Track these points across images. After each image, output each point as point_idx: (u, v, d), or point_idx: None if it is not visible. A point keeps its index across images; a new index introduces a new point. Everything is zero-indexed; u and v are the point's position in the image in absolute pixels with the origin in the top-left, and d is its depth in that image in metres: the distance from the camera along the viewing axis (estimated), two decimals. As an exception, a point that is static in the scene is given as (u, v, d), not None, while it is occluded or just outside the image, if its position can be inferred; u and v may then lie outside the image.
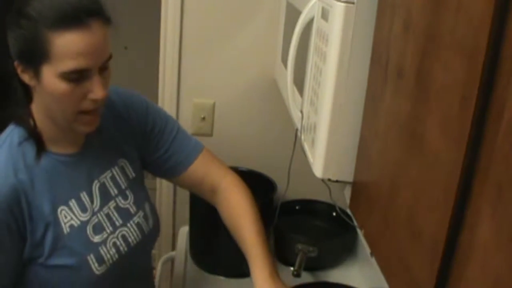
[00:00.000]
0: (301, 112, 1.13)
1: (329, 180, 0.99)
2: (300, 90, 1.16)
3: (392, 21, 0.80)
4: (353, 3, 0.89)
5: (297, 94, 1.18)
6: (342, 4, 0.89)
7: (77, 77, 0.99)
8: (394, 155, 0.76)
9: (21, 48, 0.99)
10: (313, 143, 1.01)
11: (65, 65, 0.97)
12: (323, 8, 0.99)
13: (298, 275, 1.43)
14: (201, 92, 1.80)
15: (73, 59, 0.97)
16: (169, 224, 1.92)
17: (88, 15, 0.97)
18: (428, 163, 0.64)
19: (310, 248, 1.53)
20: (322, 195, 1.64)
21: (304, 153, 1.08)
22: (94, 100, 1.03)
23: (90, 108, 1.04)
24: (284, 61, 1.42)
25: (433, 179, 0.62)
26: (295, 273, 1.44)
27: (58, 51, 0.96)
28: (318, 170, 0.99)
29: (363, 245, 1.65)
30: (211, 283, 1.57)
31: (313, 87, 1.04)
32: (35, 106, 1.07)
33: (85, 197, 1.13)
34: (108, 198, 1.17)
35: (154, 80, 1.81)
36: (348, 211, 1.02)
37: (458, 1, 0.58)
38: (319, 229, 1.76)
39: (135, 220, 1.21)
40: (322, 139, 0.96)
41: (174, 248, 1.87)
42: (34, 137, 1.07)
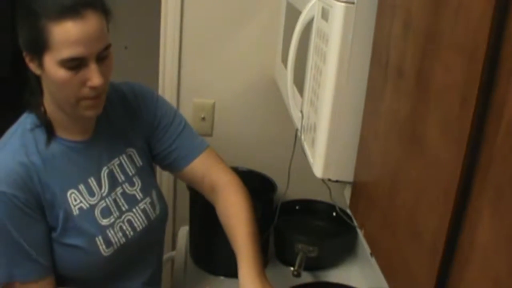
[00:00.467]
0: (301, 112, 1.13)
1: (329, 180, 1.00)
2: (300, 90, 1.16)
3: (392, 21, 0.80)
4: (353, 3, 0.89)
5: (297, 94, 1.18)
6: (342, 4, 0.89)
7: (75, 65, 1.04)
8: (394, 155, 0.76)
9: (27, 39, 1.07)
10: (313, 143, 1.01)
11: (62, 53, 1.03)
12: (323, 8, 0.99)
13: (298, 275, 1.43)
14: (201, 92, 1.80)
15: (69, 47, 1.02)
16: (169, 224, 1.91)
17: (84, 6, 1.03)
18: (428, 163, 0.64)
19: (310, 248, 1.53)
20: (322, 195, 1.64)
21: (304, 153, 1.08)
22: (92, 88, 1.07)
23: (90, 95, 1.09)
24: (284, 61, 1.42)
25: (433, 179, 0.62)
26: (295, 273, 1.44)
27: (56, 40, 1.02)
28: (318, 170, 0.99)
29: (363, 245, 1.65)
30: (211, 283, 1.57)
31: (313, 87, 1.04)
32: (45, 95, 1.14)
33: (93, 182, 1.19)
34: (116, 184, 1.23)
35: (154, 80, 1.81)
36: (348, 211, 1.02)
37: (458, 1, 0.58)
38: (319, 229, 1.76)
39: (141, 206, 1.26)
40: (322, 139, 0.96)
41: (174, 248, 1.87)
42: (44, 123, 1.14)
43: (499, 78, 0.50)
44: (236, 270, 1.22)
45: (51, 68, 1.05)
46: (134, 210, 1.25)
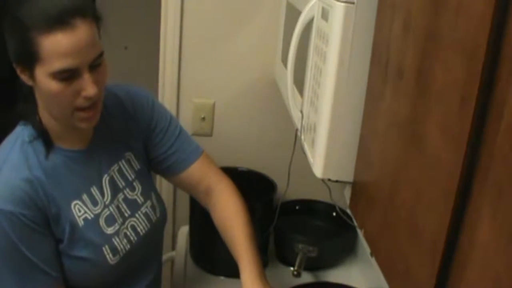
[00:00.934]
0: (301, 112, 1.13)
1: (329, 180, 1.00)
2: (300, 90, 1.16)
3: (392, 21, 0.80)
4: (353, 3, 0.89)
5: (297, 94, 1.18)
6: (342, 4, 0.89)
7: (67, 76, 1.01)
8: (394, 155, 0.76)
9: (16, 51, 1.03)
10: (313, 143, 1.01)
11: (53, 65, 0.99)
12: (323, 8, 0.99)
13: (298, 275, 1.43)
14: (201, 92, 1.80)
15: (60, 60, 0.99)
16: (169, 224, 1.91)
17: (71, 15, 0.99)
18: (428, 163, 0.64)
19: (310, 248, 1.53)
20: (322, 195, 1.64)
21: (304, 153, 1.08)
22: (87, 98, 1.05)
23: (85, 105, 1.06)
24: (284, 61, 1.42)
25: (433, 179, 0.62)
26: (295, 273, 1.44)
27: (46, 53, 0.99)
28: (318, 170, 0.99)
29: (363, 245, 1.65)
30: (211, 283, 1.57)
31: (313, 87, 1.04)
32: (39, 105, 1.11)
33: (95, 191, 1.17)
34: (117, 190, 1.22)
35: (154, 80, 1.81)
36: (348, 211, 1.02)
37: (458, 1, 0.58)
38: (319, 229, 1.76)
39: (142, 210, 1.26)
40: (322, 139, 0.96)
41: (174, 248, 1.87)
42: (41, 134, 1.10)
43: (499, 78, 0.50)
44: (236, 270, 1.22)
45: (43, 80, 1.02)
46: (137, 215, 1.24)
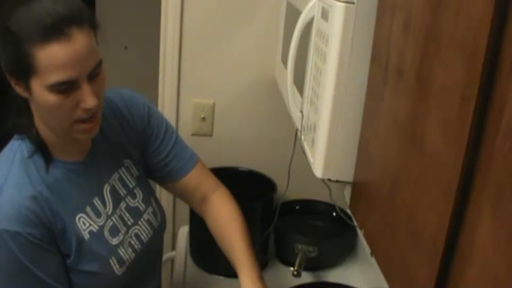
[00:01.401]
0: (301, 112, 1.13)
1: (329, 180, 0.99)
2: (300, 90, 1.16)
3: (392, 21, 0.80)
4: (353, 3, 0.89)
5: (297, 94, 1.18)
6: (342, 4, 0.89)
7: (65, 88, 0.97)
8: (394, 155, 0.76)
9: (9, 63, 0.98)
10: (313, 143, 1.01)
11: (50, 78, 0.95)
12: (323, 8, 0.99)
13: (298, 275, 1.43)
14: (201, 92, 1.80)
15: (58, 72, 0.95)
16: (169, 224, 1.91)
17: (68, 24, 0.94)
18: (428, 163, 0.64)
19: (310, 248, 1.53)
20: (322, 195, 1.64)
21: (304, 153, 1.08)
22: (86, 110, 1.01)
23: (84, 117, 1.02)
24: (284, 61, 1.42)
25: (433, 179, 0.62)
26: (295, 273, 1.44)
27: (42, 65, 0.94)
28: (318, 170, 0.99)
29: (363, 245, 1.65)
30: (211, 283, 1.58)
31: (313, 87, 1.04)
32: (35, 116, 1.06)
33: (97, 202, 1.14)
34: (119, 199, 1.19)
35: (154, 80, 1.81)
36: (348, 211, 1.02)
37: (458, 1, 0.58)
38: (319, 229, 1.76)
39: (145, 217, 1.24)
40: (322, 139, 0.96)
41: (174, 248, 1.87)
42: (39, 146, 1.06)
43: (499, 78, 0.50)
44: (236, 270, 1.22)
45: (40, 93, 0.97)
46: (140, 223, 1.22)
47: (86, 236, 1.10)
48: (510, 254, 0.47)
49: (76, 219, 1.09)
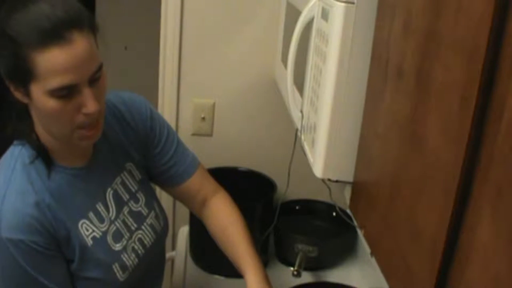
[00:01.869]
0: (301, 112, 1.13)
1: (329, 180, 0.99)
2: (300, 90, 1.16)
3: (392, 21, 0.80)
4: (353, 3, 0.89)
5: (297, 94, 1.18)
6: (342, 4, 0.89)
7: (66, 93, 0.95)
8: (394, 155, 0.76)
9: (8, 68, 0.97)
10: (313, 143, 1.01)
11: (51, 83, 0.93)
12: (323, 8, 0.99)
13: (298, 275, 1.43)
14: (201, 92, 1.80)
15: (58, 76, 0.93)
16: (169, 224, 1.91)
17: (67, 28, 0.93)
18: (428, 163, 0.64)
19: (310, 248, 1.53)
20: (322, 195, 1.64)
21: (304, 153, 1.08)
22: (88, 115, 0.99)
23: (86, 123, 1.00)
24: (284, 61, 1.42)
25: (433, 179, 0.62)
26: (295, 273, 1.44)
27: (42, 70, 0.92)
28: (318, 170, 0.99)
29: (363, 245, 1.65)
30: (211, 283, 1.58)
31: (313, 87, 1.04)
32: (35, 122, 1.05)
33: (100, 207, 1.13)
34: (122, 204, 1.18)
35: (154, 80, 1.81)
36: (348, 211, 1.02)
37: (458, 1, 0.58)
38: (319, 229, 1.76)
39: (148, 221, 1.22)
40: (322, 139, 0.96)
41: (174, 248, 1.87)
42: (40, 152, 1.05)
43: (499, 78, 0.50)
44: (236, 270, 1.22)
45: (40, 99, 0.95)
46: (143, 227, 1.21)
47: (89, 242, 1.09)
48: (510, 254, 0.47)
49: (79, 225, 1.08)
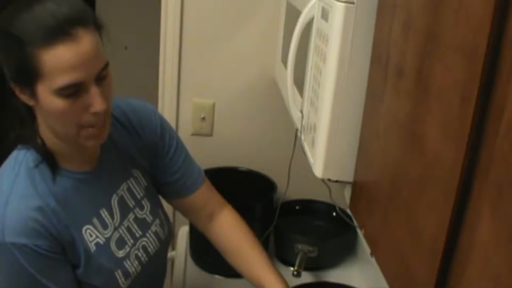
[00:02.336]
0: (301, 112, 1.13)
1: (329, 180, 0.99)
2: (300, 90, 1.16)
3: (392, 21, 0.80)
4: (353, 3, 0.89)
5: (297, 94, 1.18)
6: (342, 4, 0.89)
7: (73, 92, 0.94)
8: (394, 155, 0.76)
9: (13, 69, 0.95)
10: (313, 143, 1.01)
11: (57, 81, 0.92)
12: (323, 8, 0.99)
13: (298, 275, 1.43)
14: (201, 92, 1.80)
15: (65, 74, 0.92)
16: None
17: (73, 25, 0.92)
18: (428, 163, 0.64)
19: (310, 248, 1.53)
20: (322, 195, 1.64)
21: (304, 153, 1.08)
22: (95, 114, 0.97)
23: (92, 122, 0.99)
24: (284, 61, 1.42)
25: (433, 179, 0.62)
26: (295, 273, 1.44)
27: (48, 68, 0.91)
28: (318, 170, 0.99)
29: (363, 245, 1.65)
30: (211, 283, 1.58)
31: (313, 87, 1.04)
32: (40, 125, 1.03)
33: (105, 213, 1.11)
34: (127, 210, 1.16)
35: (154, 80, 1.81)
36: (348, 211, 1.02)
37: (458, 1, 0.58)
38: (319, 229, 1.76)
39: (152, 229, 1.21)
40: (322, 139, 0.96)
41: (174, 248, 1.87)
42: (45, 157, 1.03)
43: (499, 78, 0.50)
44: (236, 270, 1.22)
45: (46, 98, 0.94)
46: (148, 235, 1.19)
47: (92, 248, 1.07)
48: (510, 254, 0.47)
49: (83, 230, 1.06)
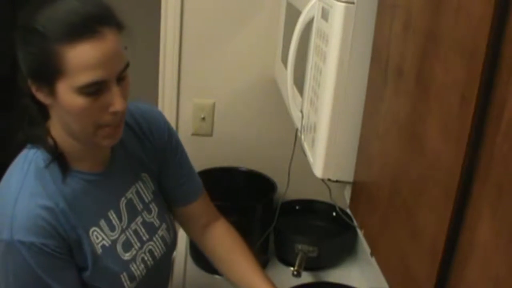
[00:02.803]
0: (301, 112, 1.13)
1: (329, 180, 1.00)
2: (300, 90, 1.16)
3: (392, 21, 0.80)
4: (353, 3, 0.89)
5: (297, 94, 1.18)
6: (342, 4, 0.89)
7: (94, 90, 0.93)
8: (394, 155, 0.76)
9: (33, 66, 0.95)
10: (313, 143, 1.01)
11: (80, 79, 0.91)
12: (323, 8, 0.99)
13: (298, 275, 1.43)
14: (201, 92, 1.80)
15: (89, 72, 0.91)
16: (169, 224, 1.91)
17: (100, 23, 0.92)
18: (428, 163, 0.64)
19: (310, 248, 1.53)
20: (322, 195, 1.64)
21: (304, 153, 1.08)
22: (114, 113, 0.97)
23: (111, 122, 0.99)
24: (284, 61, 1.42)
25: (433, 179, 0.62)
26: (295, 273, 1.44)
27: (72, 65, 0.90)
28: (318, 170, 0.99)
29: (363, 245, 1.65)
30: (211, 283, 1.57)
31: (313, 87, 1.04)
32: (54, 124, 1.02)
33: (113, 216, 1.11)
34: (135, 213, 1.16)
35: (154, 80, 1.81)
36: (348, 211, 1.02)
37: (458, 1, 0.58)
38: (319, 229, 1.76)
39: (159, 233, 1.21)
40: (322, 139, 0.96)
41: (174, 248, 1.87)
42: (56, 157, 1.02)
43: (499, 77, 0.50)
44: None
45: (67, 96, 0.93)
46: (154, 239, 1.19)
47: (99, 250, 1.06)
48: (510, 254, 0.47)
49: (90, 232, 1.06)
